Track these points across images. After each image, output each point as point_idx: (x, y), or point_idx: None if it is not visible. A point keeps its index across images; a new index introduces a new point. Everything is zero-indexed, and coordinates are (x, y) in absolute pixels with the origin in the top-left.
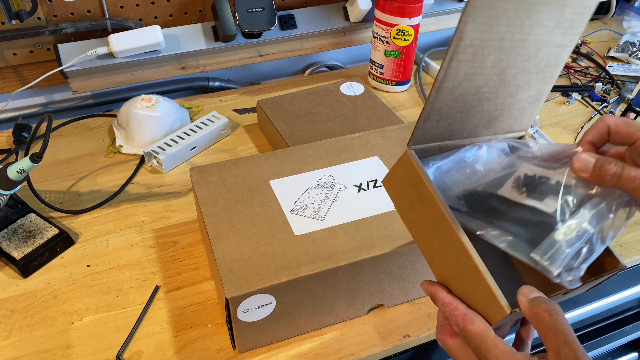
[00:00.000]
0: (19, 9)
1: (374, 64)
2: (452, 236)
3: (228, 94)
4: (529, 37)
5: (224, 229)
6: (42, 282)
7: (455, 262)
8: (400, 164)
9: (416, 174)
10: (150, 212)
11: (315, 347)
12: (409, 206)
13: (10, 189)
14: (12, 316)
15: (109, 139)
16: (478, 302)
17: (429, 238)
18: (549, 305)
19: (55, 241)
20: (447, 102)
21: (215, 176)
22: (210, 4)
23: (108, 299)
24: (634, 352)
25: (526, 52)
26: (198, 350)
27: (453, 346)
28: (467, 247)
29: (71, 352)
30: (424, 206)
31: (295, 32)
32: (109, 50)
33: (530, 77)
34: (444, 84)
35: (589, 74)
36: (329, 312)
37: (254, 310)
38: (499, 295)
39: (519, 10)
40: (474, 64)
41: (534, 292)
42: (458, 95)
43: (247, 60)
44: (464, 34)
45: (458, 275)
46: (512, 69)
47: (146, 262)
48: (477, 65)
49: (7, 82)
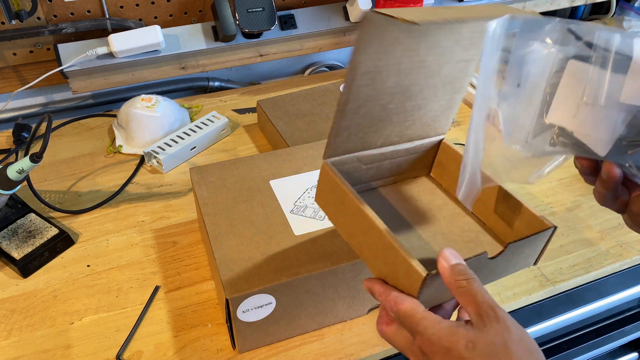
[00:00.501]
0: (19, 9)
1: None
2: (366, 221)
3: (228, 94)
4: (428, 57)
5: (224, 229)
6: (42, 282)
7: (376, 247)
8: (321, 177)
9: (333, 180)
10: (150, 212)
11: (315, 347)
12: (336, 213)
13: (10, 189)
14: (12, 316)
15: (109, 139)
16: (402, 279)
17: (356, 235)
18: (467, 274)
19: (55, 241)
20: (353, 121)
21: (215, 176)
22: (210, 4)
23: (108, 299)
24: (634, 352)
25: (427, 70)
26: (198, 351)
27: (389, 332)
28: (377, 225)
29: (71, 352)
30: (345, 205)
31: (295, 32)
32: (108, 50)
33: (436, 90)
34: (347, 106)
35: None
36: (329, 312)
37: (254, 311)
38: (414, 262)
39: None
40: (374, 86)
41: (455, 257)
42: (364, 114)
43: (247, 60)
44: (359, 64)
45: (382, 260)
46: (415, 86)
47: (146, 262)
48: (378, 87)
49: (7, 82)
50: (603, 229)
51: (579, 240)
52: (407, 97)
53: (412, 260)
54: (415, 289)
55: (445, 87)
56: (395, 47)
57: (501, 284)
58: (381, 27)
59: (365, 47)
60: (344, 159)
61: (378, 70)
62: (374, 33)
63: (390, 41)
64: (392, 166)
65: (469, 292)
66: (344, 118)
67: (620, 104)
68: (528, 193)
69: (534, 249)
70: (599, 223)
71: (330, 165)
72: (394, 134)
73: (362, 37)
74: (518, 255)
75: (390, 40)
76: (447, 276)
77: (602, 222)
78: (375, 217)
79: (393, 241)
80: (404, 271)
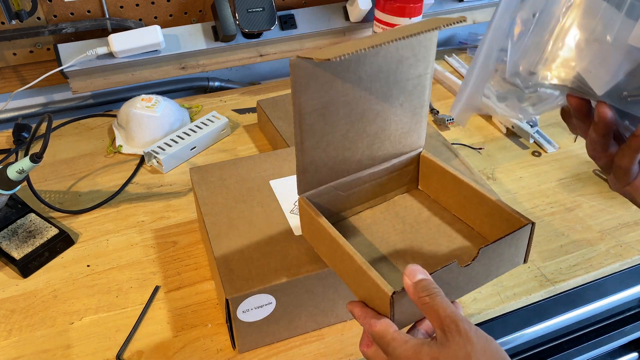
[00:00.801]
0: (19, 9)
1: None
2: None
3: (228, 94)
4: (373, 84)
5: (224, 229)
6: (42, 282)
7: (352, 272)
8: (300, 212)
9: (309, 213)
10: (150, 212)
11: (315, 348)
12: (317, 243)
13: (10, 189)
14: (12, 316)
15: (109, 139)
16: (376, 300)
17: (336, 262)
18: (430, 289)
19: (55, 241)
20: (317, 155)
21: (215, 176)
22: (210, 4)
23: (108, 299)
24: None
25: (377, 94)
26: (198, 351)
27: (369, 353)
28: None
29: (71, 352)
30: (322, 236)
31: (295, 32)
32: (108, 50)
33: (394, 110)
34: (304, 144)
35: None
36: (329, 312)
37: (254, 311)
38: (381, 283)
39: (349, 70)
40: (326, 121)
41: (419, 273)
42: (325, 147)
43: (247, 60)
44: (302, 105)
45: (359, 283)
46: (370, 112)
47: (146, 262)
48: (331, 120)
49: (7, 82)
50: (603, 229)
51: (579, 240)
52: (366, 123)
53: (380, 281)
54: (386, 307)
55: (404, 106)
56: (333, 82)
57: (501, 284)
58: (310, 69)
59: (303, 90)
60: (320, 190)
61: (324, 106)
62: (306, 76)
63: (327, 79)
64: (374, 187)
65: (431, 308)
66: (306, 155)
67: (628, 47)
68: (528, 193)
69: (517, 248)
70: (599, 223)
71: (305, 199)
72: (365, 157)
73: (297, 82)
74: (499, 257)
75: (326, 77)
76: (411, 293)
77: (602, 222)
78: (346, 243)
79: (362, 264)
80: (375, 292)
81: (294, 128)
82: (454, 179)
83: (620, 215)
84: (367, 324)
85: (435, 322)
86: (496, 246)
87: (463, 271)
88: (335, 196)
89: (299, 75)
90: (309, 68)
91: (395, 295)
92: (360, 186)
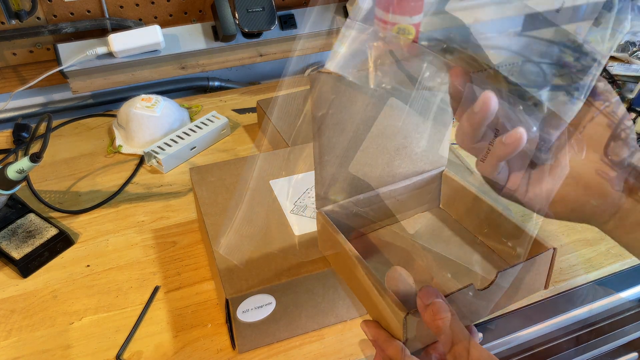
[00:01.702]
0: (19, 9)
1: None
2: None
3: (228, 94)
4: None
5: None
6: (42, 283)
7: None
8: (318, 227)
9: (326, 229)
10: (150, 212)
11: (315, 348)
12: (334, 259)
13: (10, 189)
14: (11, 316)
15: (109, 139)
16: (390, 321)
17: (351, 280)
18: (442, 313)
19: (55, 241)
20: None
21: (215, 176)
22: (210, 4)
23: (108, 299)
24: (634, 353)
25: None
26: (198, 351)
27: None
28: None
29: (71, 353)
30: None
31: (295, 31)
32: (108, 50)
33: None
34: (323, 157)
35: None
36: (329, 312)
37: (254, 311)
38: (394, 303)
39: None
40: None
41: (433, 295)
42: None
43: (247, 60)
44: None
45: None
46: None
47: (146, 262)
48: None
49: (6, 82)
50: None
51: (579, 240)
52: (386, 139)
53: (392, 301)
54: (399, 329)
55: (426, 123)
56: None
57: None
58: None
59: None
60: (339, 205)
61: (344, 121)
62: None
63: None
64: (394, 205)
65: (444, 332)
66: (324, 169)
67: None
68: None
69: (537, 273)
70: None
71: (323, 214)
72: (385, 174)
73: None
74: (518, 281)
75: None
76: (425, 316)
77: None
78: (362, 261)
79: (375, 284)
80: (388, 313)
81: (313, 142)
82: (475, 199)
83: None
84: (380, 347)
85: (446, 346)
86: (515, 270)
87: (480, 295)
88: (354, 212)
89: (318, 89)
90: (330, 82)
91: (409, 317)
92: (380, 203)
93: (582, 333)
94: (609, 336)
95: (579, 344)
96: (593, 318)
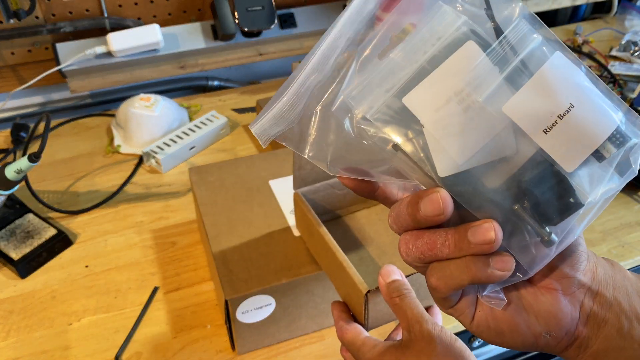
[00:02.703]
0: (17, 8)
1: None
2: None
3: (227, 94)
4: None
5: (223, 229)
6: (40, 283)
7: (334, 269)
8: (295, 207)
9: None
10: (149, 212)
11: (315, 349)
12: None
13: (8, 189)
14: (10, 317)
15: (108, 138)
16: (354, 298)
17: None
18: (400, 290)
19: (54, 242)
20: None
21: (214, 176)
22: (210, 3)
23: (106, 299)
24: None
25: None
26: (197, 352)
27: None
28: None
29: (69, 353)
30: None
31: (294, 30)
32: (107, 50)
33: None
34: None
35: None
36: (329, 313)
37: (254, 312)
38: (357, 280)
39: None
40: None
41: (393, 274)
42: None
43: (247, 59)
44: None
45: (340, 280)
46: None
47: (145, 263)
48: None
49: (5, 82)
50: (605, 229)
51: None
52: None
53: (357, 279)
54: (361, 306)
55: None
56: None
57: None
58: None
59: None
60: (316, 187)
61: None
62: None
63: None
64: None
65: (400, 309)
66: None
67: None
68: None
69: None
70: (600, 223)
71: (300, 195)
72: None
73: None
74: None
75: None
76: (384, 294)
77: (604, 222)
78: (331, 240)
79: (343, 261)
80: (352, 290)
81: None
82: None
83: (622, 216)
84: (338, 331)
85: (403, 323)
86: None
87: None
88: (332, 194)
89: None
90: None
91: (370, 294)
92: None
93: None
94: None
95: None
96: None
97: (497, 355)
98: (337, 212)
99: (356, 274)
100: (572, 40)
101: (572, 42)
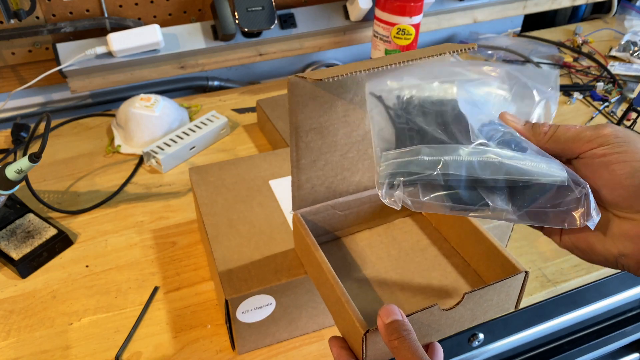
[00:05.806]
0: (18, 8)
1: None
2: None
3: (227, 94)
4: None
5: (224, 229)
6: (41, 283)
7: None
8: (294, 228)
9: (299, 231)
10: (149, 212)
11: (316, 349)
12: (306, 262)
13: (9, 189)
14: (10, 317)
15: (108, 138)
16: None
17: (321, 286)
18: (399, 332)
19: (54, 241)
20: (313, 173)
21: (214, 176)
22: (210, 3)
23: (107, 299)
24: (635, 353)
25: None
26: (197, 352)
27: None
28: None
29: (70, 353)
30: (309, 256)
31: (295, 31)
32: (107, 50)
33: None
34: (300, 161)
35: (590, 74)
36: (329, 313)
37: (254, 311)
38: (357, 318)
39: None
40: (324, 140)
41: (392, 314)
42: (323, 166)
43: (247, 60)
44: (299, 123)
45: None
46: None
47: (145, 263)
48: (330, 140)
49: (5, 82)
50: None
51: None
52: (366, 145)
53: (356, 317)
54: (359, 345)
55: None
56: (333, 103)
57: None
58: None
59: (300, 108)
60: (316, 208)
61: (323, 126)
62: (304, 94)
63: (326, 98)
64: (374, 209)
65: (399, 352)
66: (302, 172)
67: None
68: None
69: (508, 294)
70: None
71: (299, 216)
72: (365, 179)
73: (294, 100)
74: (487, 302)
75: (326, 97)
76: (383, 336)
77: None
78: (330, 270)
79: (341, 296)
80: (351, 327)
81: (290, 145)
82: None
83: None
84: None
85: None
86: (484, 292)
87: (445, 315)
88: (332, 215)
89: (296, 93)
90: (307, 87)
91: (368, 334)
92: (359, 207)
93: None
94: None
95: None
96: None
97: (497, 355)
98: (337, 234)
99: (355, 310)
100: (571, 41)
101: (571, 42)
